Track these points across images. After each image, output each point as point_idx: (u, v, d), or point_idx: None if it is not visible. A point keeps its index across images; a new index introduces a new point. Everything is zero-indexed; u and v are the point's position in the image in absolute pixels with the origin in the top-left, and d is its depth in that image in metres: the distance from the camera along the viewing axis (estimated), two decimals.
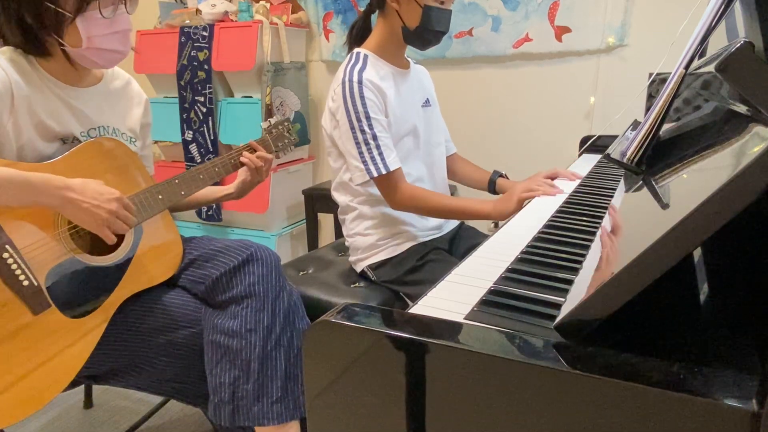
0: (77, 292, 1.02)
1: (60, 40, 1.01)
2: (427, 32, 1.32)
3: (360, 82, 1.27)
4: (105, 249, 1.08)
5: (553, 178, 1.33)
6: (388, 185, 1.32)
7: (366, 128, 1.28)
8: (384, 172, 1.29)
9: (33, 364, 0.94)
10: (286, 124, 1.39)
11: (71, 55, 1.04)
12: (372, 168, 1.29)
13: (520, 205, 1.22)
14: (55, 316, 0.98)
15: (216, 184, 1.27)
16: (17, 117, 1.00)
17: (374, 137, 1.28)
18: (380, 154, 1.29)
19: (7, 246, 0.93)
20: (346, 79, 1.29)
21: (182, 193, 1.16)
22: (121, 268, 1.10)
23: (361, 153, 1.29)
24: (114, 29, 1.04)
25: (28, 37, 1.02)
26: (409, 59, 1.48)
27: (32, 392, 0.93)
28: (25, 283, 0.94)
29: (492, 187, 1.57)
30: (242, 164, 1.28)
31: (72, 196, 0.96)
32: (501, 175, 1.57)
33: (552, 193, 1.19)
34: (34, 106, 1.02)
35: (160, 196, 1.13)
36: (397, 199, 1.33)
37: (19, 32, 1.01)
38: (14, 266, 0.93)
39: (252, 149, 1.30)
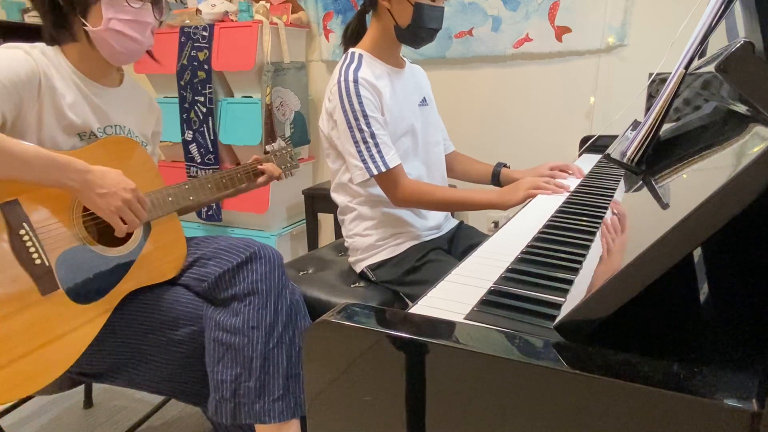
0: (84, 278, 1.03)
1: (83, 21, 1.05)
2: (419, 30, 1.32)
3: (356, 81, 1.27)
4: (113, 242, 1.09)
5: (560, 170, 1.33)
6: (389, 182, 1.32)
7: (364, 126, 1.28)
8: (384, 169, 1.29)
9: (35, 343, 0.95)
10: (288, 149, 1.48)
11: (91, 36, 1.07)
12: (372, 166, 1.29)
13: (524, 200, 1.22)
14: (62, 299, 0.99)
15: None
16: (42, 106, 1.03)
17: (372, 135, 1.28)
18: (379, 152, 1.29)
19: (24, 223, 0.95)
20: (342, 78, 1.29)
21: (191, 198, 1.21)
22: (128, 262, 1.11)
23: (360, 152, 1.29)
24: (135, 17, 1.09)
25: (58, 18, 1.07)
26: (404, 59, 1.48)
27: (30, 373, 0.94)
28: (38, 261, 0.95)
29: (496, 179, 1.57)
30: (256, 175, 1.39)
31: (91, 180, 0.99)
32: (504, 166, 1.57)
33: (559, 192, 1.20)
34: (58, 97, 1.05)
35: (170, 198, 1.17)
36: (399, 195, 1.33)
37: (50, 12, 1.06)
38: (29, 243, 0.95)
39: (260, 163, 1.40)
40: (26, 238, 0.95)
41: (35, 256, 0.95)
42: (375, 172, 1.29)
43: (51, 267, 0.98)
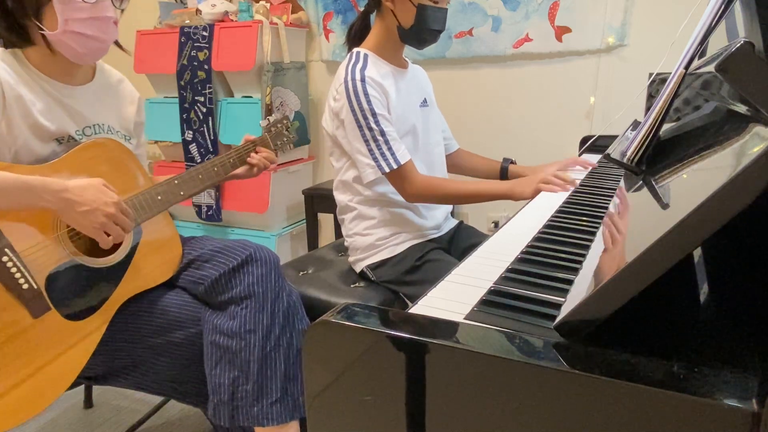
0: (77, 294, 1.01)
1: (39, 24, 1.00)
2: (422, 31, 1.32)
3: (363, 80, 1.27)
4: (104, 250, 1.07)
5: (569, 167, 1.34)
6: (401, 178, 1.32)
7: (373, 125, 1.28)
8: (395, 166, 1.29)
9: (34, 367, 0.94)
10: (285, 122, 1.39)
11: (50, 41, 1.01)
12: (383, 164, 1.29)
13: (535, 194, 1.22)
14: (55, 319, 0.98)
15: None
16: (10, 118, 0.99)
17: (382, 133, 1.29)
18: (390, 148, 1.29)
19: (6, 249, 0.92)
20: (349, 78, 1.29)
21: (181, 193, 1.17)
22: (121, 269, 1.10)
23: (371, 150, 1.29)
24: (93, 14, 1.02)
25: (10, 23, 1.00)
26: (407, 59, 1.48)
27: (33, 395, 0.93)
28: (25, 286, 0.94)
29: (504, 175, 1.58)
30: (245, 164, 1.29)
31: (70, 199, 0.96)
32: (512, 162, 1.58)
33: (566, 189, 1.19)
34: (27, 105, 1.01)
35: (159, 197, 1.12)
36: (411, 191, 1.33)
37: (1, 17, 1.00)
38: (14, 269, 0.93)
39: (254, 150, 1.30)
40: (10, 264, 0.92)
41: (22, 281, 0.93)
42: (387, 170, 1.29)
43: (40, 289, 0.96)
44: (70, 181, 0.97)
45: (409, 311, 0.61)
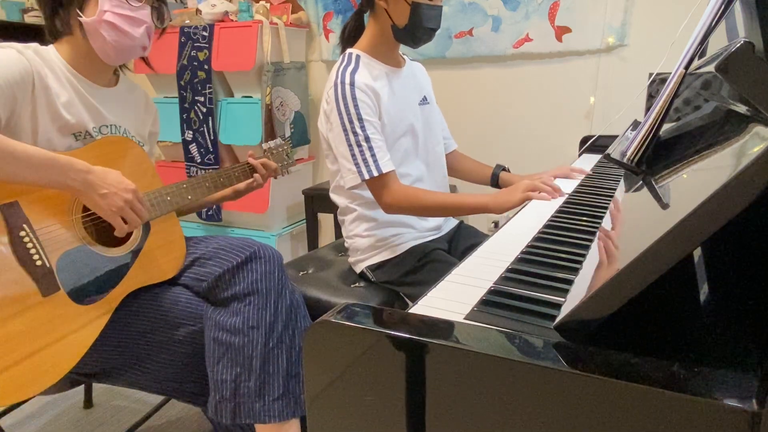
0: (85, 279, 1.03)
1: (79, 12, 1.06)
2: (417, 30, 1.31)
3: (352, 84, 1.26)
4: (113, 242, 1.09)
5: (558, 177, 1.32)
6: (380, 187, 1.30)
7: (358, 130, 1.26)
8: (376, 174, 1.27)
9: (38, 345, 0.95)
10: (285, 147, 1.46)
11: (85, 28, 1.07)
12: (364, 170, 1.27)
13: (521, 202, 1.21)
14: (63, 300, 0.99)
15: None
16: (35, 106, 1.02)
17: (367, 139, 1.27)
18: (373, 155, 1.27)
19: (24, 225, 0.95)
20: (338, 81, 1.28)
21: (189, 197, 1.21)
22: (128, 262, 1.12)
23: (353, 155, 1.28)
24: (132, 14, 1.09)
25: (55, 7, 1.08)
26: (404, 57, 1.47)
27: (34, 374, 0.94)
28: (39, 263, 0.95)
29: (495, 181, 1.57)
30: (252, 173, 1.37)
31: (93, 180, 0.99)
32: (504, 169, 1.57)
33: (555, 196, 1.18)
34: (52, 97, 1.05)
35: (168, 198, 1.16)
36: (389, 201, 1.30)
37: (49, 3, 1.07)
38: (30, 245, 0.95)
39: (254, 171, 1.39)
40: (27, 239, 0.94)
41: (36, 257, 0.95)
42: (366, 177, 1.27)
43: (52, 268, 0.98)
44: (93, 166, 1.01)
45: (409, 311, 0.61)
